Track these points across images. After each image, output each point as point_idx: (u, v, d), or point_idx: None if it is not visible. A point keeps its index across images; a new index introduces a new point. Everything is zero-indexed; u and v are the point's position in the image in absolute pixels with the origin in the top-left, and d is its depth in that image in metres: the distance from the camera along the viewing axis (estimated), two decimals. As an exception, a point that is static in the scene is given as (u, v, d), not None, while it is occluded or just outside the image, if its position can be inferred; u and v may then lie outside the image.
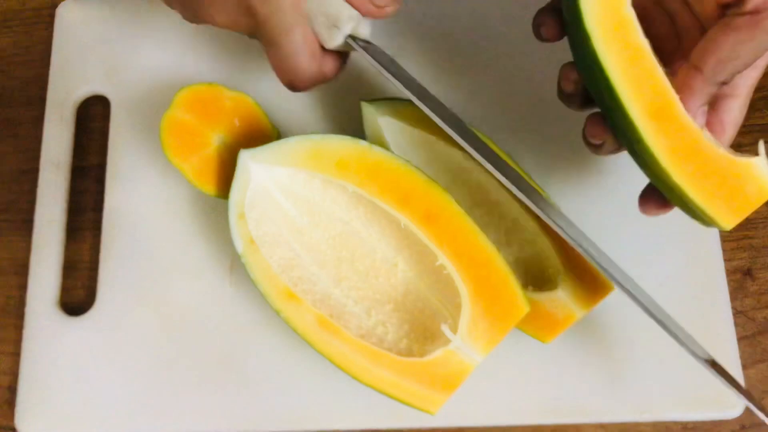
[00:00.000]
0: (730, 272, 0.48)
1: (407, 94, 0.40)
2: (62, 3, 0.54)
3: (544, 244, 0.44)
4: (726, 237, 0.49)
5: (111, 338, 0.47)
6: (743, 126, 0.39)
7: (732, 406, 0.45)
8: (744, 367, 0.46)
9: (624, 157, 0.40)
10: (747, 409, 0.45)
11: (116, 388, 0.46)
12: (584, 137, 0.39)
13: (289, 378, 0.46)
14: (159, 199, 0.49)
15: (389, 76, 0.40)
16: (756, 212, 0.42)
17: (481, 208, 0.46)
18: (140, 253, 0.48)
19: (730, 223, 0.36)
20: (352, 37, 0.39)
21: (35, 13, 0.57)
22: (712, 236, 0.48)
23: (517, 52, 0.51)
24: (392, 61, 0.41)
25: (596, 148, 0.39)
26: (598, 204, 0.48)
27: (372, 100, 0.46)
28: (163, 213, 0.49)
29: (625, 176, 0.48)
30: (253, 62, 0.51)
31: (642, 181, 0.39)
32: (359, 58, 0.40)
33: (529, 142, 0.49)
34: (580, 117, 0.40)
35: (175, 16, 0.50)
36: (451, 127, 0.40)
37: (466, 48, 0.51)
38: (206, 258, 0.48)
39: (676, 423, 0.46)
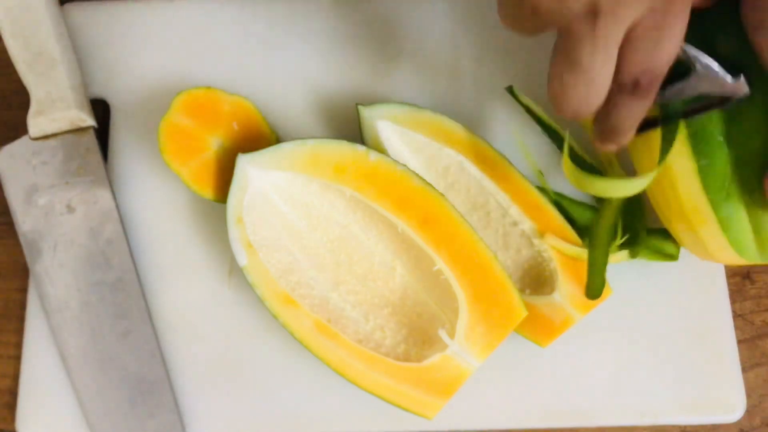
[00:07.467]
0: (729, 275, 0.48)
1: None
2: (62, 7, 0.55)
3: (542, 248, 0.44)
4: (725, 240, 0.49)
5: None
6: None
7: (731, 409, 0.44)
8: (743, 370, 0.46)
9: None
10: (746, 413, 0.45)
11: (116, 391, 0.46)
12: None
13: (287, 382, 0.46)
14: (158, 203, 0.49)
15: None
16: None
17: (478, 212, 0.46)
18: (139, 256, 0.48)
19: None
20: None
21: (35, 17, 0.57)
22: (712, 239, 0.48)
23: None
24: None
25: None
26: (597, 207, 0.48)
27: (369, 104, 0.46)
28: (162, 217, 0.49)
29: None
30: (252, 66, 0.51)
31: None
32: (356, 60, 0.40)
33: (534, 143, 0.49)
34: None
35: (173, 21, 0.50)
36: None
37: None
38: (205, 262, 0.48)
39: (675, 426, 0.46)
